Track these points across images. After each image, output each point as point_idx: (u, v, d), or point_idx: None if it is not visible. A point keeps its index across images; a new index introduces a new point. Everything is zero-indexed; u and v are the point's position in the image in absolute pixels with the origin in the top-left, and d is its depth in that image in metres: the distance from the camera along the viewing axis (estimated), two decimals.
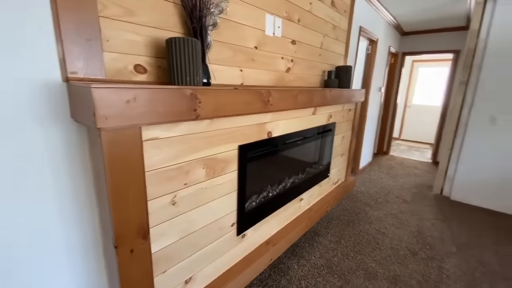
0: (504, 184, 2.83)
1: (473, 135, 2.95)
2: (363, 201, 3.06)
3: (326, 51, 2.20)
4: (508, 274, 1.89)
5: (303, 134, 1.84)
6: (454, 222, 2.64)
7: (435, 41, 4.39)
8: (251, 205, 1.49)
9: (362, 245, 2.19)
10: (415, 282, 1.80)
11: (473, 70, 2.85)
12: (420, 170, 4.37)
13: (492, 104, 2.78)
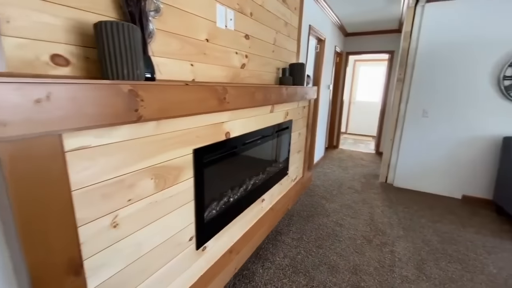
0: (434, 169, 3.23)
1: (410, 126, 3.28)
2: (319, 194, 3.16)
3: (279, 48, 2.16)
4: (447, 250, 2.13)
5: (262, 133, 1.77)
6: (399, 207, 2.90)
7: (373, 42, 4.80)
8: (211, 213, 1.36)
9: (323, 239, 2.24)
10: (373, 269, 1.89)
11: (407, 68, 3.17)
12: (366, 160, 4.74)
13: (423, 98, 3.13)
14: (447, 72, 2.96)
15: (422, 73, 3.08)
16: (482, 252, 2.11)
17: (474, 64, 2.83)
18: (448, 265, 1.94)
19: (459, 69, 2.90)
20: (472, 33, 2.78)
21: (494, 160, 2.90)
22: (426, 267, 1.92)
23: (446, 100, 3.02)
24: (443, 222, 2.58)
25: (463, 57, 2.86)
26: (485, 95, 2.84)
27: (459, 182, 3.13)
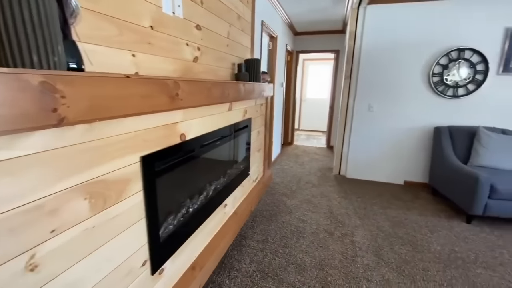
0: (380, 159, 3.51)
1: (358, 120, 3.50)
2: (280, 192, 3.15)
3: (233, 42, 2.04)
4: (398, 233, 2.30)
5: (221, 133, 1.63)
6: (353, 197, 3.06)
7: (320, 42, 5.03)
8: (168, 230, 1.17)
9: (288, 237, 2.20)
10: (338, 262, 1.92)
11: (354, 66, 3.36)
12: (319, 155, 4.95)
13: (369, 94, 3.37)
14: (387, 70, 3.23)
15: (366, 71, 3.30)
16: (426, 232, 2.34)
17: (409, 62, 3.14)
18: (401, 248, 2.09)
19: (397, 66, 3.19)
20: (407, 35, 3.07)
21: (428, 148, 3.27)
22: (384, 252, 2.03)
23: (387, 95, 3.29)
24: (391, 208, 2.80)
25: (400, 56, 3.15)
26: (419, 90, 3.17)
27: (401, 170, 3.46)
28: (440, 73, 3.04)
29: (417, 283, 1.72)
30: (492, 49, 2.84)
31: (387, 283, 1.71)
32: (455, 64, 2.96)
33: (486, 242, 2.18)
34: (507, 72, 2.84)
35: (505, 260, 1.95)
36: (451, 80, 3.02)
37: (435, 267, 1.87)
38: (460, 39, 2.92)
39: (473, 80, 2.95)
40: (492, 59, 2.85)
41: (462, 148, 2.89)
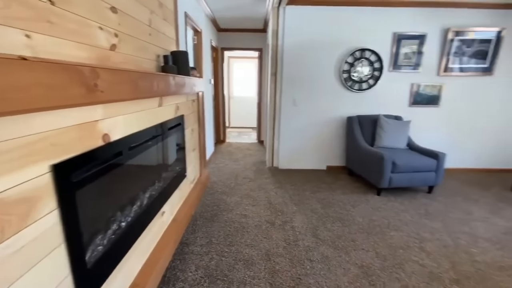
0: (306, 148, 3.85)
1: (284, 115, 3.73)
2: (219, 190, 3.07)
3: (156, 32, 1.84)
4: (329, 213, 2.56)
5: (152, 133, 1.45)
6: (288, 186, 3.25)
7: (244, 40, 5.12)
8: (96, 252, 0.96)
9: (232, 235, 2.17)
10: (282, 249, 2.00)
11: (278, 64, 3.55)
12: (252, 150, 5.08)
13: (293, 90, 3.62)
14: (308, 67, 3.54)
15: (289, 68, 3.54)
16: (349, 208, 2.69)
17: (325, 60, 3.52)
18: (333, 225, 2.34)
19: (316, 64, 3.53)
20: (322, 35, 3.43)
21: (343, 135, 3.77)
22: (319, 232, 2.23)
23: (308, 90, 3.62)
24: (320, 191, 3.11)
25: (318, 55, 3.50)
26: (334, 85, 3.60)
27: (324, 156, 3.88)
28: (348, 70, 3.52)
29: (350, 253, 1.95)
30: (384, 50, 3.47)
31: (326, 260, 1.88)
32: (359, 62, 3.49)
33: (393, 208, 2.67)
34: (396, 69, 3.53)
35: (408, 220, 2.43)
36: (357, 76, 3.54)
37: (360, 237, 2.16)
38: (361, 40, 3.45)
39: (373, 76, 3.54)
40: (385, 58, 3.49)
41: (368, 133, 3.44)
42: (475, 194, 3.05)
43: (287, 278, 1.69)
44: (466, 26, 3.37)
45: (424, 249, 2.00)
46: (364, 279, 1.69)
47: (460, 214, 2.55)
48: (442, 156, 2.87)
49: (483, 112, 3.69)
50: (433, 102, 3.65)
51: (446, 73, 3.53)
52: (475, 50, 3.45)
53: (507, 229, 2.29)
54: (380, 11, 3.36)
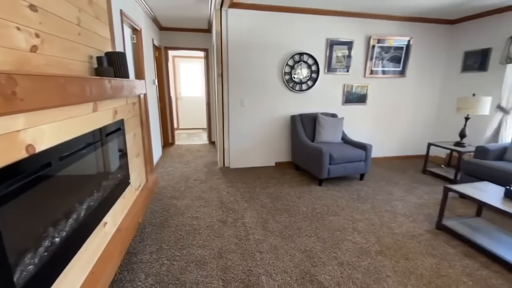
0: (255, 146, 4.00)
1: (233, 115, 3.81)
2: (168, 195, 3.00)
3: (87, 31, 1.72)
4: (277, 206, 2.74)
5: (87, 140, 1.37)
6: (239, 184, 3.35)
7: (189, 40, 5.03)
8: (26, 272, 0.88)
9: (184, 238, 2.16)
10: (234, 245, 2.08)
11: (224, 65, 3.60)
12: (203, 151, 5.04)
13: (240, 90, 3.72)
14: (253, 69, 3.68)
15: (236, 69, 3.63)
16: (295, 199, 2.91)
17: (269, 62, 3.71)
18: (281, 217, 2.51)
19: (261, 66, 3.69)
20: (265, 38, 3.60)
21: (288, 133, 4.03)
22: (268, 225, 2.38)
23: (255, 91, 3.77)
24: (269, 186, 3.28)
25: (262, 57, 3.66)
26: (278, 86, 3.82)
27: (272, 153, 4.09)
28: (289, 72, 3.78)
29: (295, 241, 2.13)
30: (320, 54, 3.82)
31: (275, 249, 2.02)
32: (299, 65, 3.77)
33: (332, 196, 2.98)
34: (330, 71, 3.92)
35: (344, 205, 2.75)
36: (297, 78, 3.82)
37: (304, 224, 2.38)
38: (300, 45, 3.73)
39: (311, 77, 3.87)
40: (321, 61, 3.84)
41: (310, 130, 3.75)
42: (395, 177, 3.61)
43: (239, 272, 1.78)
44: (384, 35, 3.94)
45: (356, 229, 2.31)
46: (307, 261, 1.88)
47: (384, 196, 3.00)
48: (370, 147, 3.32)
49: (400, 108, 4.36)
50: (361, 100, 4.16)
51: (371, 75, 4.07)
52: (391, 55, 4.06)
53: (418, 205, 2.79)
54: (315, 18, 3.69)
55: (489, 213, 2.59)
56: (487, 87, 3.65)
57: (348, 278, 1.73)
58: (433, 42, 4.16)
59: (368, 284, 1.67)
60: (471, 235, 2.10)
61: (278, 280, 1.71)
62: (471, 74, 3.88)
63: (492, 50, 3.57)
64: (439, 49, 4.22)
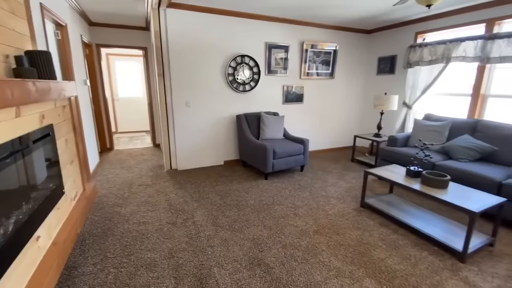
0: (204, 147, 4.04)
1: (178, 116, 3.77)
2: (110, 203, 2.82)
3: (0, 28, 1.54)
4: (226, 202, 2.85)
5: (10, 148, 1.25)
6: (188, 185, 3.35)
7: (126, 37, 4.72)
8: None
9: (131, 244, 2.10)
10: (185, 244, 2.12)
11: (165, 65, 3.53)
12: (147, 155, 4.81)
13: (184, 91, 3.70)
14: (198, 69, 3.69)
15: (179, 69, 3.59)
16: (244, 194, 3.07)
17: (213, 63, 3.77)
18: (230, 212, 2.64)
19: (205, 67, 3.73)
20: (208, 40, 3.65)
21: (235, 131, 4.18)
22: (219, 220, 2.48)
23: (200, 91, 3.79)
24: (219, 185, 3.37)
25: (206, 58, 3.71)
26: (223, 87, 3.92)
27: (220, 152, 4.18)
28: (233, 73, 3.92)
29: (244, 232, 2.28)
30: (260, 57, 4.06)
31: (225, 242, 2.14)
32: (241, 66, 3.94)
33: (277, 188, 3.24)
34: (270, 73, 4.19)
35: (287, 195, 3.03)
36: (240, 79, 3.99)
37: (252, 216, 2.55)
38: (241, 47, 3.90)
39: (253, 79, 4.08)
40: (261, 64, 4.08)
41: (255, 128, 3.96)
42: (330, 167, 4.10)
43: (191, 268, 1.84)
44: (315, 41, 4.40)
45: (297, 214, 2.58)
46: (255, 248, 2.05)
47: (320, 183, 3.40)
48: (307, 141, 3.70)
49: (331, 106, 4.93)
50: (299, 99, 4.57)
51: (306, 77, 4.50)
52: (322, 59, 4.55)
53: (347, 188, 3.25)
54: (254, 22, 3.90)
55: (398, 190, 3.19)
56: (395, 87, 4.42)
57: (290, 257, 1.95)
58: (355, 48, 4.82)
59: (307, 259, 1.92)
60: (385, 208, 2.58)
61: (229, 269, 1.83)
62: (383, 76, 4.64)
63: (398, 56, 4.34)
64: (360, 55, 4.91)
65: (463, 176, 2.60)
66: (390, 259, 1.94)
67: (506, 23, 3.10)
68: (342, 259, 1.93)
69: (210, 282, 1.71)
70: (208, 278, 1.74)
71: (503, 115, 3.20)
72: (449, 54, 3.47)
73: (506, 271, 1.83)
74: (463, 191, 2.14)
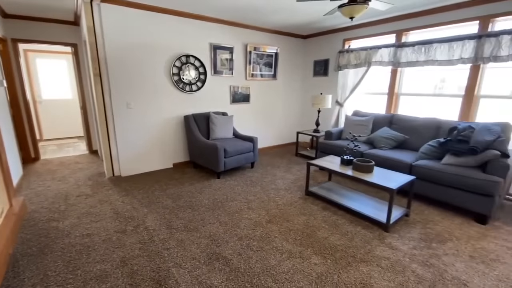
0: (151, 150, 3.87)
1: (120, 119, 3.53)
2: (44, 218, 2.51)
3: None
4: (179, 204, 2.83)
5: None
6: (135, 191, 3.18)
7: (49, 32, 4.17)
8: None
9: (75, 259, 1.94)
10: (138, 249, 2.05)
11: (102, 63, 3.27)
12: (83, 163, 4.36)
13: (125, 92, 3.48)
14: (140, 69, 3.51)
15: (118, 69, 3.36)
16: (197, 194, 3.08)
17: (156, 63, 3.64)
18: (184, 213, 2.63)
19: (148, 66, 3.57)
20: (150, 38, 3.50)
21: (184, 133, 4.11)
22: (172, 223, 2.45)
23: (143, 92, 3.62)
24: (169, 188, 3.30)
25: (149, 57, 3.55)
26: (168, 87, 3.81)
27: (169, 155, 4.07)
28: (178, 73, 3.85)
29: (200, 230, 2.32)
30: (206, 57, 4.08)
31: (181, 243, 2.14)
32: (186, 66, 3.90)
33: (229, 185, 3.34)
34: (217, 74, 4.25)
35: (240, 191, 3.16)
36: (187, 79, 3.95)
37: (207, 215, 2.60)
38: (186, 47, 3.86)
39: (200, 79, 4.08)
40: (207, 64, 4.11)
41: (204, 128, 3.98)
42: (277, 162, 4.39)
43: (148, 272, 1.81)
44: (258, 43, 4.63)
45: (250, 208, 2.74)
46: (213, 244, 2.12)
47: (270, 178, 3.63)
48: (256, 139, 3.89)
49: (275, 105, 5.25)
50: (246, 99, 4.75)
51: (252, 78, 4.70)
52: (265, 61, 4.82)
53: (294, 180, 3.56)
54: (199, 23, 3.90)
55: (336, 177, 3.64)
56: (329, 87, 4.97)
57: (247, 247, 2.08)
58: (294, 52, 5.23)
59: (262, 247, 2.08)
60: (326, 194, 2.93)
61: (188, 267, 1.86)
62: (319, 78, 5.17)
63: (330, 60, 4.88)
64: (298, 58, 5.35)
65: (384, 161, 3.13)
66: (332, 237, 2.24)
67: (411, 34, 3.80)
68: (292, 242, 2.15)
69: (170, 282, 1.72)
70: (167, 279, 1.74)
71: (412, 110, 3.94)
72: (370, 59, 4.08)
73: (419, 234, 2.30)
74: (385, 174, 2.59)
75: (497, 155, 2.40)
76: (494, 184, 2.30)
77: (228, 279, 1.74)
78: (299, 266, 1.87)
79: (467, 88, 3.26)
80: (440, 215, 2.62)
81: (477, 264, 1.90)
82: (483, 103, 3.21)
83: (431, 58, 3.41)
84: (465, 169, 2.53)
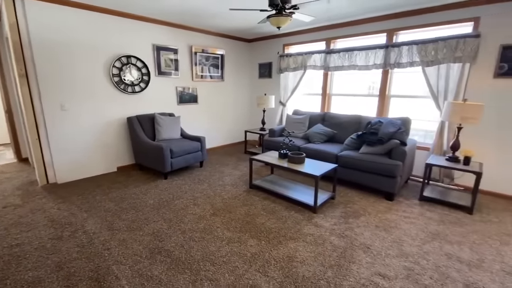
0: (91, 154, 3.70)
1: (53, 122, 3.31)
2: None
3: None
4: (122, 206, 2.81)
5: None
6: (74, 197, 3.04)
7: None
8: None
9: (3, 269, 1.84)
10: (76, 253, 2.03)
11: (28, 63, 3.03)
12: (10, 172, 3.94)
13: (58, 93, 3.28)
14: (74, 69, 3.33)
15: (48, 69, 3.15)
16: (142, 196, 3.08)
17: (93, 63, 3.49)
18: (127, 215, 2.63)
19: (84, 66, 3.41)
20: (84, 37, 3.34)
21: (128, 135, 4.02)
22: (115, 224, 2.45)
23: (80, 93, 3.44)
24: (112, 191, 3.22)
25: (85, 57, 3.39)
26: (107, 88, 3.69)
27: (112, 158, 3.93)
28: (118, 74, 3.76)
29: (144, 229, 2.37)
30: (149, 58, 4.05)
31: (123, 242, 2.17)
32: (127, 67, 3.82)
33: (177, 185, 3.41)
34: (161, 74, 4.24)
35: (187, 190, 3.25)
36: (128, 80, 3.87)
37: (152, 214, 2.65)
38: (127, 47, 3.78)
39: (143, 80, 4.04)
40: (150, 65, 4.08)
41: (149, 130, 3.95)
42: (226, 160, 4.58)
43: (86, 272, 1.82)
44: (203, 46, 4.74)
45: (196, 204, 2.87)
46: (156, 240, 2.20)
47: (218, 175, 3.80)
48: (203, 139, 4.01)
49: (224, 105, 5.43)
50: (194, 100, 4.82)
51: (200, 79, 4.79)
52: (212, 63, 4.96)
53: (240, 175, 3.78)
54: (141, 24, 3.86)
55: (278, 170, 3.97)
56: (273, 89, 5.34)
57: (189, 239, 2.22)
58: (239, 54, 5.48)
59: (203, 237, 2.24)
60: (267, 186, 3.21)
61: (129, 263, 1.92)
62: (264, 80, 5.51)
63: (273, 63, 5.25)
64: (244, 60, 5.61)
65: (316, 153, 3.55)
66: (269, 222, 2.50)
67: (338, 42, 4.34)
68: (232, 230, 2.35)
69: (109, 278, 1.76)
70: (106, 276, 1.78)
71: (342, 108, 4.49)
72: (306, 63, 4.53)
73: (340, 213, 2.71)
74: (314, 164, 2.97)
75: (397, 143, 2.96)
76: (395, 167, 2.84)
77: (169, 268, 1.86)
78: (236, 249, 2.08)
79: (380, 89, 3.89)
80: (359, 196, 3.11)
81: (380, 232, 2.35)
82: (393, 101, 3.87)
83: (353, 63, 3.97)
84: (377, 156, 3.06)
